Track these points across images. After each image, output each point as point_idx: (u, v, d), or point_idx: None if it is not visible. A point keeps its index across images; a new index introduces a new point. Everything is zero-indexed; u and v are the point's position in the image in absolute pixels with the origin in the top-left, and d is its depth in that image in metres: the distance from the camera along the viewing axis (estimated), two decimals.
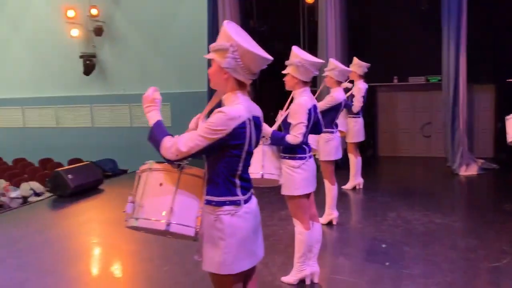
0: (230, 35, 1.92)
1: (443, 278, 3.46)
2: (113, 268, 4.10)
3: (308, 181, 3.25)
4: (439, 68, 7.68)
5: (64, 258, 4.26)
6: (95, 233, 5.08)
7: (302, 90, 3.21)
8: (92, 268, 4.18)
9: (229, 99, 2.00)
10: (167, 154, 1.93)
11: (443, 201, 5.59)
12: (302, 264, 3.39)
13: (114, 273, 3.96)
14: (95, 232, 5.13)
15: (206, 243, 2.00)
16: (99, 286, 3.71)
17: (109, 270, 4.05)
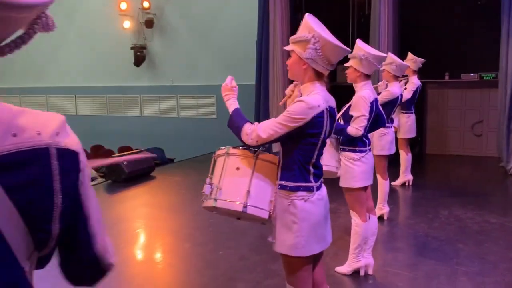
0: (312, 26, 1.99)
1: (501, 277, 3.42)
2: (169, 250, 4.28)
3: (367, 174, 3.29)
4: (494, 64, 7.45)
5: (121, 240, 4.47)
6: (150, 217, 5.30)
7: (364, 83, 3.24)
8: (148, 250, 4.38)
9: (307, 89, 2.07)
10: (247, 140, 2.04)
11: (497, 201, 5.47)
12: (357, 255, 3.44)
13: (170, 255, 4.14)
14: (150, 216, 5.35)
15: (279, 226, 2.09)
16: (157, 267, 3.90)
17: (165, 252, 4.24)
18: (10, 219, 0.76)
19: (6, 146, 0.75)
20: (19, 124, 0.78)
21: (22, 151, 0.77)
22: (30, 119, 0.81)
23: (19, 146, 0.76)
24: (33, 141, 0.79)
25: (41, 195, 0.80)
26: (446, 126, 8.92)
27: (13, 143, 0.76)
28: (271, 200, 2.12)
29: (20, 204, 0.76)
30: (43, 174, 0.80)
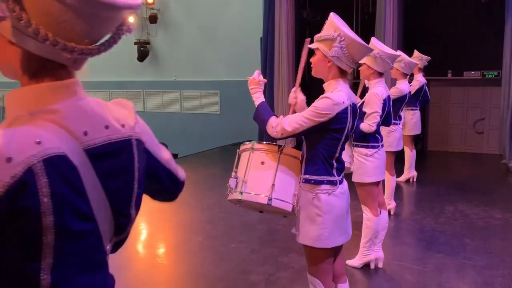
0: (338, 25, 2.06)
1: (507, 271, 3.51)
2: (181, 243, 4.35)
3: (380, 169, 3.37)
4: (497, 63, 7.52)
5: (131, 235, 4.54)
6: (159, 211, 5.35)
7: (377, 81, 3.31)
8: (161, 243, 4.45)
9: (331, 86, 2.14)
10: (273, 132, 2.11)
11: (501, 197, 5.56)
12: (368, 249, 3.52)
13: (183, 249, 4.21)
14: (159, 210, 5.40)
15: (303, 218, 2.16)
16: (171, 260, 3.98)
17: (178, 245, 4.31)
18: (101, 204, 0.83)
19: (101, 137, 0.82)
20: (108, 117, 0.85)
21: (112, 143, 0.84)
22: (114, 112, 0.88)
23: (110, 138, 0.84)
24: (120, 133, 0.86)
25: (126, 182, 0.88)
26: (448, 124, 9.01)
27: (106, 135, 0.83)
28: (295, 194, 2.19)
29: (109, 190, 0.84)
30: (128, 163, 0.88)
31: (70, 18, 0.74)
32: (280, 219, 4.69)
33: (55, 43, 0.75)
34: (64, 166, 0.75)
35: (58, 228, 0.74)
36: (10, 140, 0.70)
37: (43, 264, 0.74)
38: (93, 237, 0.83)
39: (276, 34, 8.23)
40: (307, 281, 3.39)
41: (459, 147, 8.83)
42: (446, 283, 3.35)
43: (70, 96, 0.81)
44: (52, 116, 0.77)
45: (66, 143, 0.77)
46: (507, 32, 6.86)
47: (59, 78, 0.81)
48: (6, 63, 0.81)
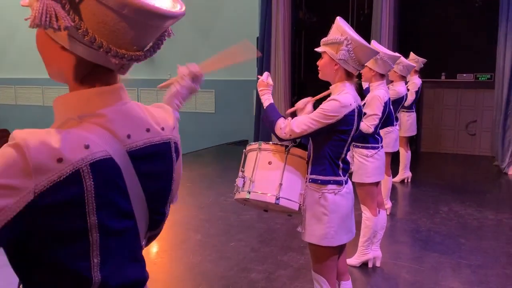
0: (345, 29, 2.11)
1: (502, 270, 3.59)
2: (181, 241, 4.38)
3: (379, 169, 3.43)
4: (490, 66, 7.65)
5: None
6: None
7: (379, 83, 3.37)
8: (160, 241, 4.47)
9: (337, 88, 2.19)
10: (281, 134, 2.15)
11: (494, 198, 5.67)
12: (366, 248, 3.58)
13: (183, 246, 4.24)
14: None
15: (309, 217, 2.21)
16: (171, 257, 4.00)
17: (177, 243, 4.33)
18: (139, 203, 0.87)
19: (142, 140, 0.86)
20: (149, 120, 0.89)
21: (153, 145, 0.88)
22: (155, 115, 0.92)
23: (151, 140, 0.88)
24: (159, 136, 0.90)
25: (164, 183, 0.92)
26: (441, 125, 9.13)
27: (147, 138, 0.87)
28: (301, 193, 2.24)
29: (148, 190, 0.88)
30: (168, 165, 0.92)
31: (123, 27, 0.78)
32: (278, 218, 4.75)
33: (108, 50, 0.78)
34: (109, 168, 0.79)
35: (101, 226, 0.78)
36: (63, 142, 0.73)
37: (93, 261, 0.78)
38: (133, 234, 0.87)
39: (273, 34, 8.28)
40: (306, 279, 3.45)
41: (451, 149, 8.95)
42: (443, 282, 3.42)
43: (116, 101, 0.85)
44: (99, 120, 0.81)
45: (112, 145, 0.80)
46: (501, 35, 6.97)
47: (106, 83, 0.84)
48: (57, 68, 0.85)
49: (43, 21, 0.72)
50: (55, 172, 0.72)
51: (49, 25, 0.72)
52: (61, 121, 0.81)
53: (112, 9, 0.75)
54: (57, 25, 0.73)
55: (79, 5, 0.75)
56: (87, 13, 0.76)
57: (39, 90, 12.32)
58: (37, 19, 0.72)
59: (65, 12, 0.74)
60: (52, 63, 0.85)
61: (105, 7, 0.75)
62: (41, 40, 0.83)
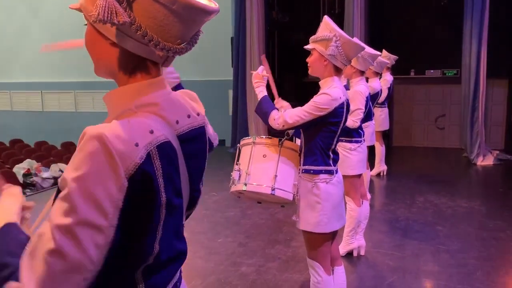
0: (333, 27, 2.23)
1: (478, 254, 3.80)
2: None
3: (362, 162, 3.58)
4: (456, 61, 7.98)
5: None
6: None
7: (359, 79, 3.52)
8: None
9: (327, 83, 2.30)
10: (274, 124, 2.25)
11: (465, 188, 5.95)
12: (351, 238, 3.72)
13: None
14: None
15: (303, 206, 2.32)
16: None
17: None
18: (185, 182, 0.95)
19: (186, 125, 0.95)
20: (188, 107, 0.97)
21: (193, 129, 0.97)
22: (190, 103, 1.00)
23: (192, 125, 0.97)
24: (197, 121, 0.99)
25: (201, 162, 1.02)
26: (411, 120, 9.45)
27: (189, 123, 0.96)
28: (295, 184, 2.34)
29: (191, 170, 0.96)
30: (204, 146, 1.02)
31: (171, 21, 0.85)
32: (262, 213, 4.86)
33: (157, 43, 0.86)
34: (169, 150, 0.88)
35: (167, 203, 0.86)
36: (133, 129, 0.81)
37: (157, 235, 0.86)
38: (181, 211, 0.96)
39: (247, 34, 8.38)
40: (295, 270, 3.57)
41: (422, 142, 9.28)
42: (424, 267, 3.60)
43: (162, 90, 0.93)
44: (153, 108, 0.89)
45: (167, 130, 0.88)
46: (466, 32, 7.29)
47: (151, 75, 0.92)
48: (104, 63, 0.91)
49: (106, 16, 0.79)
50: (136, 154, 0.80)
51: (109, 20, 0.79)
52: (117, 113, 0.89)
53: (164, 5, 0.83)
54: (117, 20, 0.80)
55: (133, 2, 0.83)
56: (140, 9, 0.83)
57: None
58: (101, 15, 0.79)
59: (123, 9, 0.81)
60: (101, 59, 0.92)
61: (157, 4, 0.83)
62: (91, 37, 0.90)
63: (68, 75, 11.73)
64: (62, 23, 11.35)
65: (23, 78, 12.20)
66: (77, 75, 11.58)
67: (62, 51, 11.50)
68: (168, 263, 0.95)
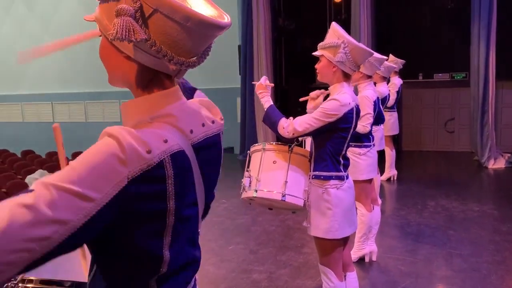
0: (341, 33, 2.24)
1: (491, 257, 3.76)
2: None
3: (372, 167, 3.57)
4: (464, 65, 7.95)
5: None
6: None
7: (366, 84, 3.53)
8: None
9: (336, 89, 2.31)
10: (284, 133, 2.27)
11: (477, 191, 5.90)
12: (362, 243, 3.71)
13: None
14: None
15: (314, 212, 2.32)
16: None
17: None
18: (200, 190, 0.97)
19: (200, 134, 0.97)
20: (203, 116, 0.99)
21: (209, 137, 0.99)
22: (205, 111, 1.02)
23: (207, 133, 0.99)
24: (211, 129, 1.01)
25: (216, 169, 1.04)
26: (421, 124, 9.41)
27: (203, 132, 0.98)
28: (305, 190, 2.35)
29: (206, 176, 0.98)
30: (218, 153, 1.04)
31: (185, 37, 0.88)
32: (273, 220, 4.86)
33: (171, 58, 0.88)
34: (184, 160, 0.90)
35: (177, 211, 0.88)
36: (148, 137, 0.83)
37: (165, 241, 0.88)
38: (195, 219, 0.97)
39: (254, 42, 8.43)
40: (307, 276, 3.56)
41: (432, 146, 9.23)
42: (437, 271, 3.57)
43: (177, 101, 0.95)
44: (168, 119, 0.91)
45: (181, 140, 0.90)
46: (473, 35, 7.27)
47: (166, 87, 0.94)
48: (120, 75, 0.94)
49: (124, 35, 0.82)
50: (145, 161, 0.82)
51: (127, 38, 0.82)
52: (133, 123, 0.91)
53: (178, 22, 0.85)
54: (134, 38, 0.83)
55: (148, 19, 0.85)
56: (154, 26, 0.86)
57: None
58: (119, 34, 0.82)
59: (139, 26, 0.83)
60: (115, 71, 0.94)
61: (172, 21, 0.85)
62: (106, 51, 0.93)
63: (78, 86, 11.87)
64: (71, 34, 11.52)
65: (34, 89, 12.37)
66: (87, 85, 11.73)
67: (53, 58, 11.65)
68: (181, 270, 0.96)
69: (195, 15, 0.86)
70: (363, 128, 3.38)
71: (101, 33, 0.92)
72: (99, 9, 0.91)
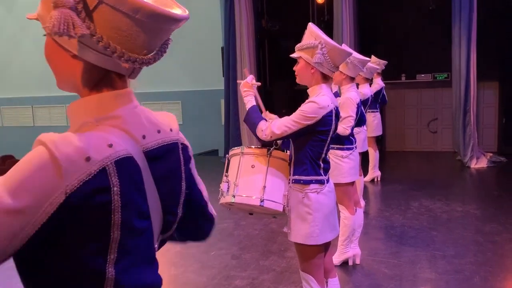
0: (318, 34, 2.19)
1: (474, 258, 3.75)
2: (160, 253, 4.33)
3: (354, 169, 3.53)
4: (446, 65, 8.00)
5: None
6: None
7: (349, 86, 3.48)
8: None
9: (315, 91, 2.26)
10: (262, 136, 2.20)
11: (460, 191, 5.92)
12: (345, 246, 3.66)
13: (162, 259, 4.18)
14: None
15: (294, 217, 2.26)
16: None
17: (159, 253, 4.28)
18: (154, 203, 0.89)
19: (155, 141, 0.89)
20: (159, 122, 0.91)
21: (164, 145, 0.91)
22: (161, 117, 0.95)
23: (163, 141, 0.91)
24: (169, 136, 0.93)
25: (175, 182, 0.95)
26: (404, 125, 9.44)
27: (159, 138, 0.90)
28: (285, 194, 2.29)
29: (162, 191, 0.90)
30: (176, 165, 0.95)
31: (136, 31, 0.80)
32: (256, 224, 4.79)
33: (122, 55, 0.80)
34: (131, 167, 0.81)
35: (123, 224, 0.79)
36: (88, 142, 0.75)
37: (109, 257, 0.80)
38: (148, 234, 0.89)
39: (237, 44, 8.36)
40: (290, 281, 3.50)
41: (415, 147, 9.27)
42: (421, 274, 3.54)
43: (128, 103, 0.87)
44: (115, 121, 0.83)
45: (130, 145, 0.82)
46: (455, 36, 7.32)
47: (117, 88, 0.86)
48: (67, 76, 0.86)
49: (61, 29, 0.73)
50: (84, 170, 0.74)
51: (66, 33, 0.74)
52: (78, 125, 0.83)
53: (126, 14, 0.77)
54: (74, 33, 0.75)
55: (93, 12, 0.77)
56: (101, 19, 0.78)
57: None
58: (56, 27, 0.73)
59: (81, 20, 0.75)
60: (62, 72, 0.86)
61: (119, 13, 0.77)
62: (50, 49, 0.85)
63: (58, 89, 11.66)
64: None
65: (13, 93, 12.11)
66: None
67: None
68: None
69: (145, 6, 0.78)
70: (343, 130, 3.34)
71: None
72: (40, 4, 0.83)
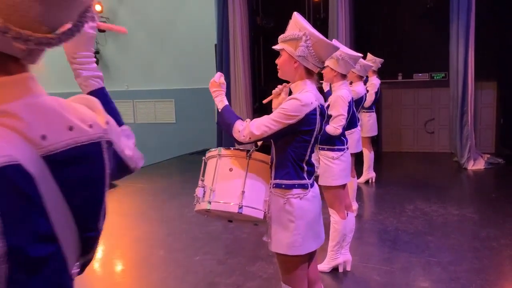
0: (303, 24, 2.00)
1: (471, 265, 3.58)
2: (142, 258, 4.15)
3: (346, 171, 3.35)
4: (444, 65, 7.82)
5: None
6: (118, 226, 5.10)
7: (341, 83, 3.30)
8: (121, 260, 4.22)
9: (298, 87, 2.07)
10: (240, 137, 2.01)
11: (457, 194, 5.75)
12: (336, 252, 3.48)
13: (145, 264, 4.01)
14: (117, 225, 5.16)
15: (275, 225, 2.07)
16: (132, 277, 3.77)
17: (139, 261, 4.10)
18: (64, 220, 0.70)
19: (64, 141, 0.69)
20: (72, 117, 0.72)
21: (79, 146, 0.71)
22: (79, 111, 0.75)
23: (76, 140, 0.71)
24: (87, 135, 0.73)
25: (94, 192, 0.76)
26: (400, 125, 9.27)
27: (70, 138, 0.70)
28: (266, 200, 2.10)
29: (74, 204, 0.71)
30: (98, 170, 0.76)
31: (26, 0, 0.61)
32: (245, 227, 4.60)
33: (6, 30, 0.62)
34: (18, 177, 0.62)
35: (12, 255, 0.60)
36: None
37: None
38: (56, 261, 0.70)
39: (231, 41, 8.18)
40: None
41: (412, 147, 9.10)
42: (414, 282, 3.36)
43: (24, 94, 0.68)
44: (2, 119, 0.64)
45: (20, 149, 0.63)
46: (452, 35, 7.15)
47: (9, 73, 0.67)
48: None
49: None
50: None
51: None
52: None
53: None
54: None
55: None
56: None
57: None
58: None
59: None
60: None
61: None
62: None
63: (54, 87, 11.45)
64: None
65: None
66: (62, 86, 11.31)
67: None
68: None
69: None
70: (334, 129, 3.16)
71: None
72: None
